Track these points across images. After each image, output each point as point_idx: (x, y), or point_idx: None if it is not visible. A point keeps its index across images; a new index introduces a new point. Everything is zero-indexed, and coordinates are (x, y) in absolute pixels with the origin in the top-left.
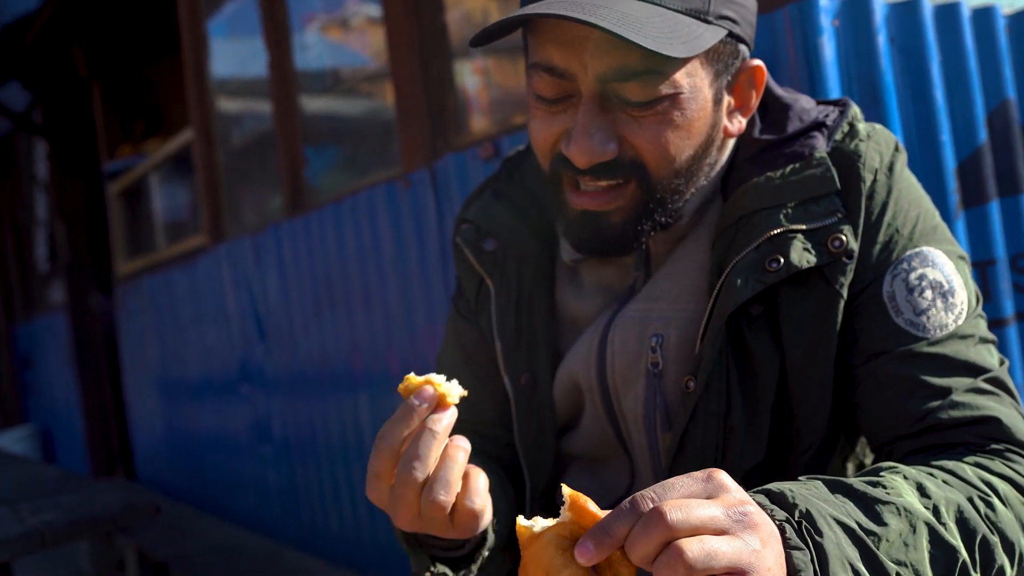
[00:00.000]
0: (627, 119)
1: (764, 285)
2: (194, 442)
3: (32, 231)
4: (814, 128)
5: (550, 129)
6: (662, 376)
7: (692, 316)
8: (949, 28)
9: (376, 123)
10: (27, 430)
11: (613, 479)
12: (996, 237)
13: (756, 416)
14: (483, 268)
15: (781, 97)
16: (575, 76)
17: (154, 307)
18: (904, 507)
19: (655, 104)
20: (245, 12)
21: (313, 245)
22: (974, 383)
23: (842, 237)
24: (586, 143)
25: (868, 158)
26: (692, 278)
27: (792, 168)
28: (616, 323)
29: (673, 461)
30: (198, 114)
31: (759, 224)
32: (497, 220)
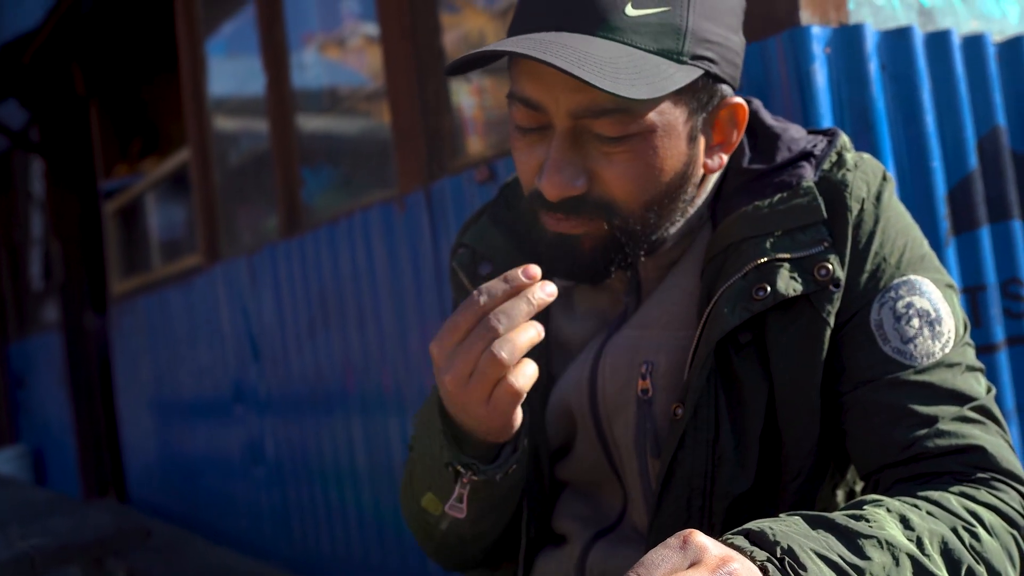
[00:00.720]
0: (598, 154)
1: (751, 313)
2: (187, 463)
3: (27, 249)
4: (802, 158)
5: (529, 161)
6: (652, 402)
7: (682, 343)
8: (940, 55)
9: (373, 143)
10: (18, 450)
11: (607, 503)
12: (987, 262)
13: (745, 443)
14: None
15: (771, 127)
16: (548, 110)
17: (148, 327)
18: (887, 540)
19: (625, 140)
20: (243, 31)
21: (308, 266)
22: (960, 412)
23: (828, 266)
24: (556, 178)
25: (855, 187)
26: (682, 305)
27: (779, 197)
28: (607, 349)
29: (662, 488)
30: (195, 134)
31: (746, 252)
32: (492, 245)
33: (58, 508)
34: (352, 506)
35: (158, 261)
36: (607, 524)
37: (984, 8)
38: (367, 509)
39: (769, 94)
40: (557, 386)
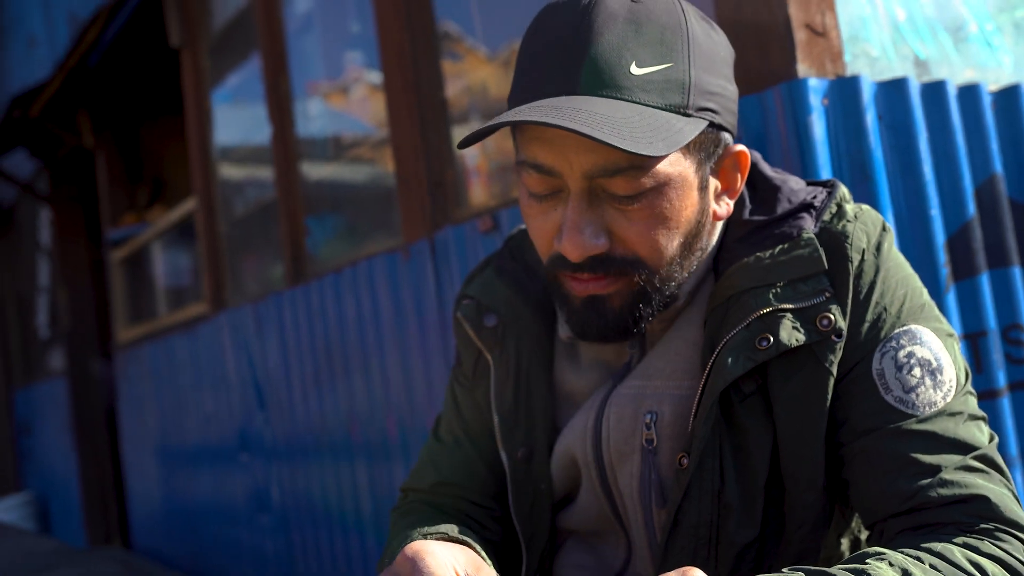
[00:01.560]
0: (615, 213)
1: (755, 363)
2: (192, 511)
3: (34, 297)
4: (802, 209)
5: (545, 226)
6: (656, 452)
7: (686, 393)
8: (936, 105)
9: (377, 190)
10: (23, 497)
11: (610, 553)
12: (987, 309)
13: (750, 493)
14: (483, 343)
15: (771, 178)
16: (562, 174)
17: (154, 374)
18: None
19: (641, 197)
20: (249, 81)
21: (313, 314)
22: (963, 461)
23: (830, 316)
24: (577, 238)
25: (855, 238)
26: (686, 355)
27: (780, 248)
28: (612, 400)
29: (668, 537)
30: (201, 183)
31: (748, 303)
32: (498, 296)
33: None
34: (357, 553)
35: (164, 309)
36: (611, 575)
37: (979, 57)
38: (372, 556)
39: (767, 145)
40: (562, 435)
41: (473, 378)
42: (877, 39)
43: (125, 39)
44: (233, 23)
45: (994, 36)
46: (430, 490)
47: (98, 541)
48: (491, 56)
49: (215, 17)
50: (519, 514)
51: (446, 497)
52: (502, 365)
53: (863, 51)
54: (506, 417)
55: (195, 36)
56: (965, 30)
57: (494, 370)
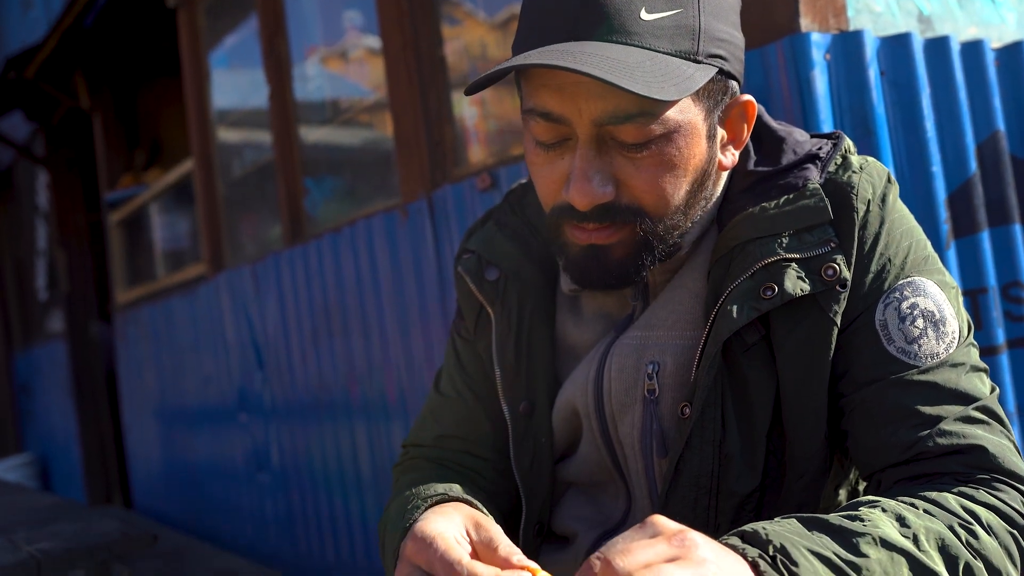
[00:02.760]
0: (623, 161)
1: (759, 312)
2: (192, 471)
3: (32, 260)
4: (808, 160)
5: (551, 175)
6: (658, 403)
7: (688, 344)
8: (939, 61)
9: (375, 153)
10: (24, 458)
11: (610, 505)
12: (987, 266)
13: (751, 443)
14: (484, 297)
15: (775, 130)
16: (570, 121)
17: (153, 336)
18: (881, 537)
19: (650, 144)
20: (246, 44)
21: (312, 274)
22: (964, 411)
23: (835, 266)
24: (585, 186)
25: (861, 189)
26: (688, 306)
27: (786, 199)
28: (613, 351)
29: (669, 487)
30: (199, 145)
31: (753, 253)
32: (499, 250)
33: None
34: (356, 513)
35: (162, 271)
36: (611, 525)
37: (983, 14)
38: (371, 516)
39: (769, 100)
40: (564, 387)
41: (475, 332)
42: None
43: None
44: None
45: None
46: (433, 443)
47: (98, 501)
48: (489, 20)
49: None
50: (520, 467)
51: (448, 450)
52: (503, 319)
53: (866, 6)
54: (507, 371)
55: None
56: None
57: (495, 324)
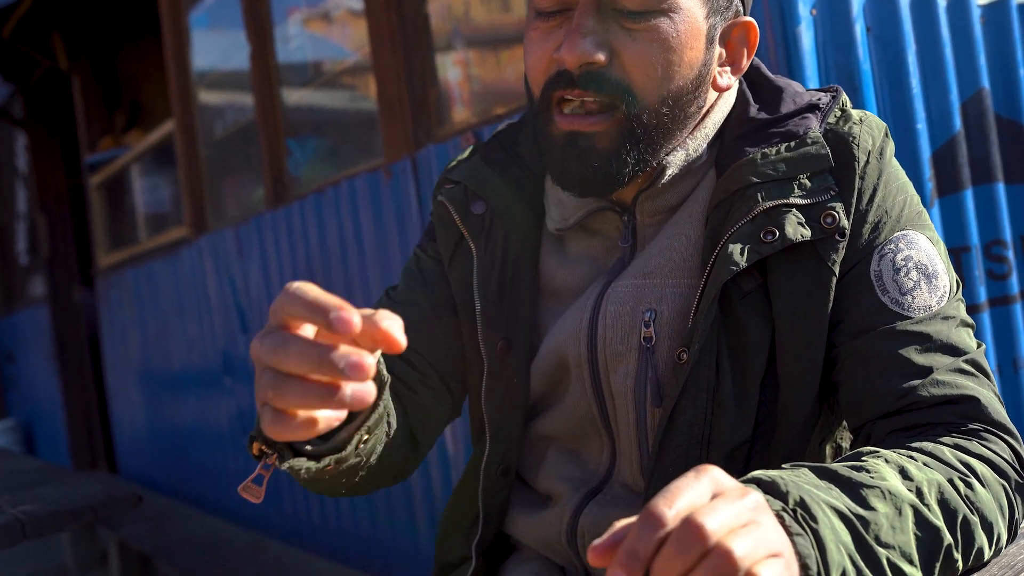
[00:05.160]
0: (620, 31)
1: (759, 256)
2: (176, 435)
3: (12, 224)
4: (808, 110)
5: (545, 45)
6: (654, 351)
7: (685, 291)
8: (925, 18)
9: (357, 115)
10: (8, 424)
11: (593, 460)
12: (970, 224)
13: (744, 391)
14: (468, 230)
15: (773, 80)
16: None
17: (136, 300)
18: (889, 490)
19: (649, 16)
20: (227, 4)
21: (295, 236)
22: (955, 363)
23: (835, 214)
24: (578, 40)
25: (862, 140)
26: (686, 253)
27: (787, 146)
28: (608, 298)
29: (663, 436)
30: (180, 107)
31: (754, 197)
32: (487, 184)
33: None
34: None
35: (144, 234)
36: (595, 483)
37: None
38: None
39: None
40: (550, 334)
41: (450, 262)
42: None
43: None
44: None
45: None
46: None
47: (83, 466)
48: None
49: None
50: (490, 405)
51: None
52: (487, 254)
53: None
54: (488, 307)
55: None
56: None
57: (477, 258)
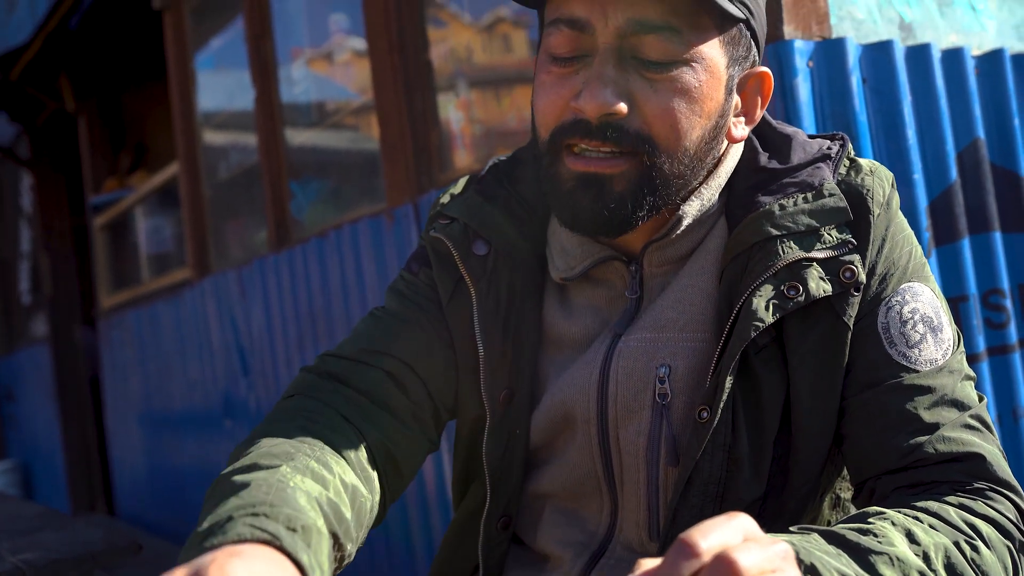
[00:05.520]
0: (641, 81)
1: (784, 312)
2: (176, 477)
3: (15, 263)
4: (819, 160)
5: (560, 91)
6: (670, 407)
7: (699, 346)
8: (920, 69)
9: (361, 156)
10: (7, 464)
11: (592, 520)
12: (968, 274)
13: (759, 447)
14: (469, 272)
15: (781, 128)
16: (594, 29)
17: (138, 340)
18: (897, 556)
19: (671, 67)
20: (232, 45)
21: (297, 279)
22: (961, 418)
23: (853, 268)
24: (600, 91)
25: (875, 192)
26: (699, 306)
27: (804, 197)
28: (618, 352)
29: (681, 496)
30: (184, 149)
31: (775, 251)
32: (490, 223)
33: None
34: None
35: (147, 275)
36: (596, 546)
37: (963, 22)
38: None
39: None
40: (555, 387)
41: (449, 301)
42: (863, 2)
43: (106, 1)
44: None
45: (978, 1)
46: (354, 356)
47: (82, 508)
48: (475, 23)
49: None
50: (490, 456)
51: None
52: (489, 299)
53: (849, 13)
54: (492, 354)
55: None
56: None
57: (478, 302)
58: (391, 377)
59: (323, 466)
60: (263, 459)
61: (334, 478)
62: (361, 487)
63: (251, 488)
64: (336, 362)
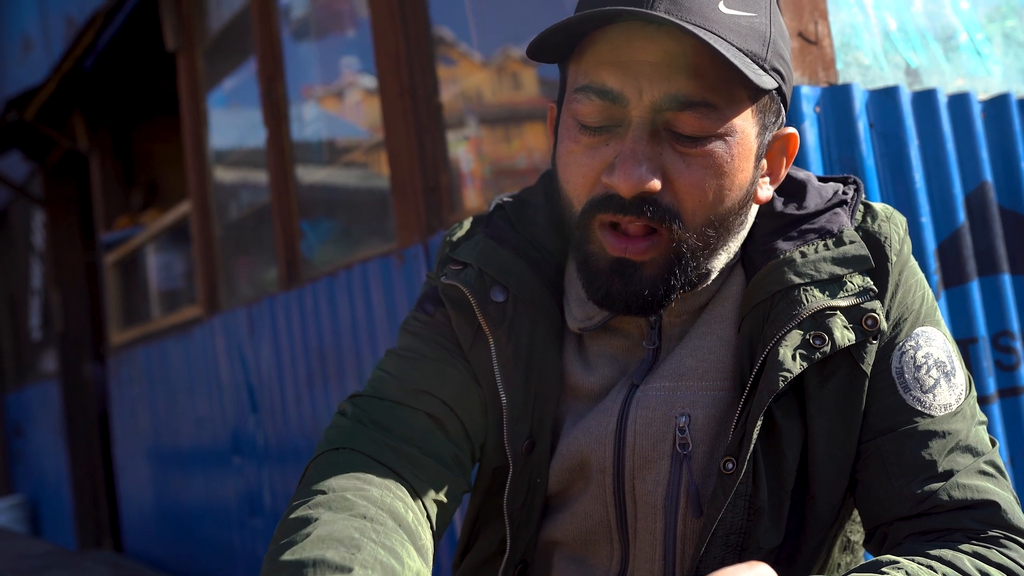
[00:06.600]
0: (674, 155)
1: (810, 363)
2: (184, 514)
3: (26, 300)
4: (836, 205)
5: (591, 163)
6: (691, 457)
7: (720, 395)
8: (927, 113)
9: (371, 194)
10: (14, 500)
11: (602, 569)
12: (977, 316)
13: (778, 496)
14: (487, 320)
15: (794, 173)
16: (627, 101)
17: (147, 377)
18: None
19: (705, 142)
20: (245, 85)
21: (307, 318)
22: (975, 464)
23: (875, 315)
24: (634, 168)
25: (892, 239)
26: (719, 355)
27: (825, 244)
28: (637, 401)
29: (706, 547)
30: (196, 187)
31: (798, 300)
32: (507, 269)
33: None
34: None
35: (157, 312)
36: None
37: (969, 67)
38: None
39: None
40: (571, 436)
41: (470, 349)
42: (869, 47)
43: (121, 42)
44: (229, 27)
45: (984, 46)
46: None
47: (89, 544)
48: (485, 61)
49: (211, 21)
50: (511, 506)
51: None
52: (509, 347)
53: (855, 59)
54: (515, 404)
55: (191, 40)
56: (955, 39)
57: (497, 351)
58: (434, 420)
59: (391, 555)
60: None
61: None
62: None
63: None
64: (375, 405)
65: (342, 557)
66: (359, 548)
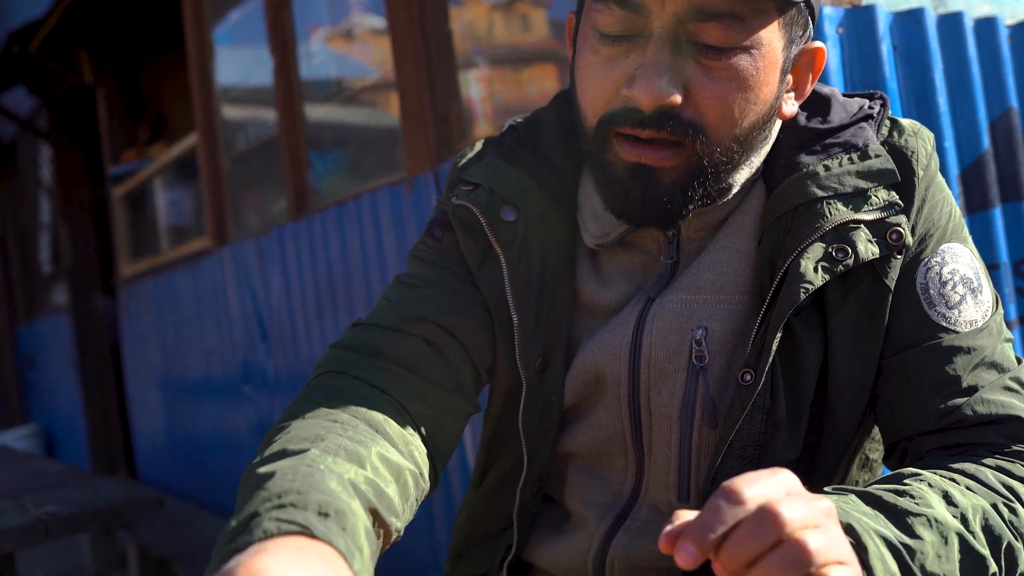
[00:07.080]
0: (697, 69)
1: (832, 275)
2: (195, 443)
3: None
4: (862, 120)
5: (610, 74)
6: (707, 370)
7: (738, 308)
8: (952, 37)
9: (379, 131)
10: (29, 429)
11: (617, 480)
12: (999, 242)
13: (796, 410)
14: (497, 239)
15: (819, 88)
16: (649, 11)
17: (157, 309)
18: (935, 518)
19: (731, 54)
20: (250, 21)
21: (316, 247)
22: (1001, 380)
23: (900, 230)
24: (655, 81)
25: (919, 154)
26: (737, 268)
27: (849, 158)
28: (653, 313)
29: (722, 459)
30: (203, 120)
31: (821, 213)
32: (517, 187)
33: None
34: None
35: (166, 245)
36: (621, 507)
37: None
38: None
39: None
40: (586, 349)
41: (479, 270)
42: None
43: None
44: None
45: None
46: (388, 324)
47: (103, 472)
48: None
49: None
50: (527, 425)
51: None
52: (520, 266)
53: None
54: (526, 322)
55: None
56: None
57: (509, 270)
58: (430, 344)
59: (357, 443)
60: (291, 444)
61: (370, 454)
62: (404, 460)
63: (277, 478)
64: (371, 333)
65: (302, 446)
66: (323, 439)
